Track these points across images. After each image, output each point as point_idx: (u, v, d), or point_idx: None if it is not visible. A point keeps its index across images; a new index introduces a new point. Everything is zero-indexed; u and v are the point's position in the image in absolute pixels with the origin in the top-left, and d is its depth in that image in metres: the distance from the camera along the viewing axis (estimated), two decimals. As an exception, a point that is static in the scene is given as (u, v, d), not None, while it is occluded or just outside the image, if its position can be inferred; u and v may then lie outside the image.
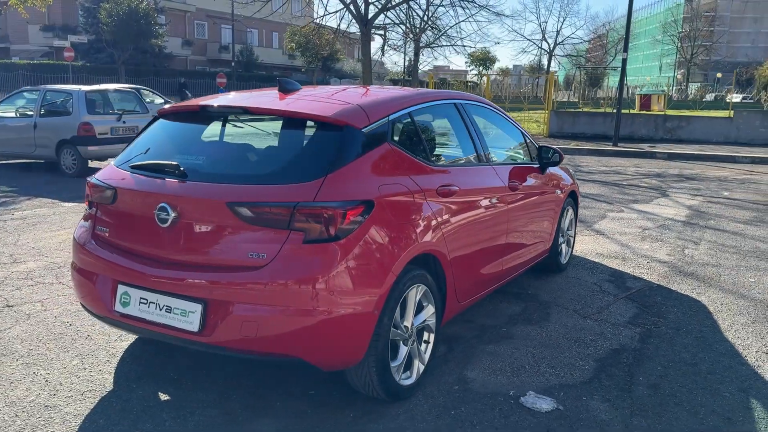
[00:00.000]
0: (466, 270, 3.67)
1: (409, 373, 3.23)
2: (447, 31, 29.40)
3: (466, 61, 59.52)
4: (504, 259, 4.22)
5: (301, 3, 35.86)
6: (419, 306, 3.25)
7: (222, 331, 2.75)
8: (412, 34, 29.85)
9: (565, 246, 5.58)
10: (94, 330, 4.02)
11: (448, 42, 30.50)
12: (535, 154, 4.91)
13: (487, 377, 3.49)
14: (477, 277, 3.87)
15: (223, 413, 3.06)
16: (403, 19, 27.01)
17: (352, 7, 21.34)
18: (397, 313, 3.02)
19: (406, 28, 29.22)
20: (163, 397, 3.20)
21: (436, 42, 30.79)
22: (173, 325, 2.85)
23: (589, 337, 4.09)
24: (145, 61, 40.16)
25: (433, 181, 3.40)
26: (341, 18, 23.06)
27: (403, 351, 3.15)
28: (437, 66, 56.60)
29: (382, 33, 28.53)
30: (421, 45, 31.27)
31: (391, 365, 3.04)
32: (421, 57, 33.97)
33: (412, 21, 28.15)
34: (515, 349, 3.88)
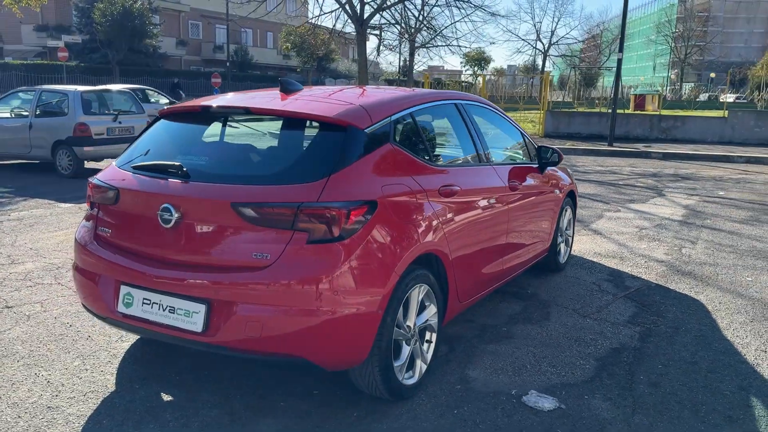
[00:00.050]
0: (468, 270, 3.69)
1: (412, 373, 3.23)
2: (442, 31, 29.44)
3: (462, 62, 59.64)
4: (504, 259, 4.23)
5: (296, 3, 35.84)
6: (421, 306, 3.26)
7: (226, 331, 2.75)
8: (408, 34, 29.86)
9: (563, 245, 5.60)
10: (95, 331, 4.01)
11: (443, 42, 30.54)
12: (534, 154, 4.93)
13: (488, 376, 3.50)
14: (478, 277, 3.88)
15: (226, 413, 3.06)
16: (398, 19, 27.02)
17: (347, 7, 21.32)
18: (400, 312, 3.03)
19: (401, 28, 29.23)
20: (165, 397, 3.20)
21: (432, 42, 30.82)
22: (177, 326, 2.84)
23: (589, 336, 4.11)
24: (139, 61, 40.02)
25: (435, 181, 3.40)
26: (337, 18, 23.04)
27: (405, 351, 3.16)
28: (431, 66, 56.54)
29: (378, 33, 28.52)
30: (417, 45, 31.29)
31: (394, 365, 3.04)
32: (416, 57, 34.02)
33: (407, 21, 28.16)
34: (516, 348, 3.90)
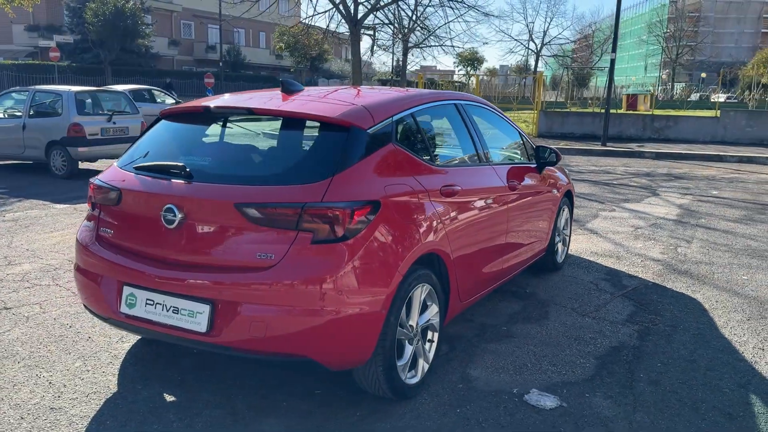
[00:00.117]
0: (468, 269, 3.70)
1: (414, 372, 3.25)
2: (436, 32, 29.45)
3: (455, 62, 59.67)
4: (503, 258, 4.25)
5: (289, 3, 35.78)
6: (423, 305, 3.27)
7: (230, 331, 2.75)
8: (401, 34, 29.87)
9: (561, 245, 5.62)
10: (95, 332, 4.00)
11: (437, 42, 30.56)
12: (532, 154, 4.95)
13: (490, 375, 3.52)
14: (478, 277, 3.90)
15: (228, 413, 3.06)
16: (391, 19, 27.02)
17: (341, 7, 21.31)
18: (402, 312, 3.04)
19: (395, 29, 29.24)
20: (168, 398, 3.20)
21: (425, 42, 30.83)
22: (180, 326, 2.84)
23: (589, 335, 4.14)
24: (131, 61, 39.88)
25: (437, 181, 3.42)
26: (330, 18, 23.01)
27: (408, 350, 3.17)
28: (424, 66, 56.66)
29: (372, 33, 28.51)
30: (410, 45, 31.29)
31: (398, 364, 3.05)
32: (409, 57, 34.00)
33: (400, 21, 28.18)
34: (516, 347, 3.92)
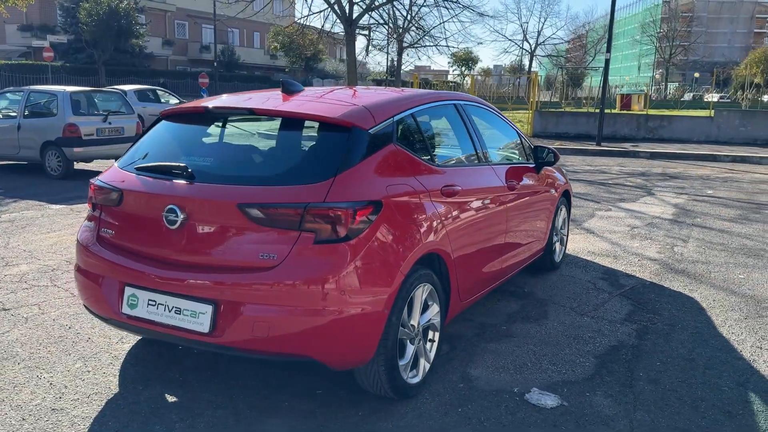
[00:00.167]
0: (469, 269, 3.71)
1: (416, 372, 3.26)
2: (431, 32, 29.51)
3: (449, 62, 59.75)
4: (503, 258, 4.26)
5: (283, 3, 35.73)
6: (425, 305, 3.28)
7: (233, 331, 2.75)
8: (396, 34, 29.89)
9: (558, 244, 5.64)
10: (94, 332, 4.00)
11: (431, 42, 30.61)
12: (531, 154, 4.97)
13: (490, 375, 3.53)
14: (478, 276, 3.91)
15: (230, 414, 3.06)
16: (386, 19, 27.04)
17: (336, 7, 21.29)
18: (404, 312, 3.05)
19: (389, 29, 29.26)
20: (170, 398, 3.20)
21: (420, 42, 30.87)
22: (183, 327, 2.84)
23: (588, 334, 4.15)
24: (125, 61, 39.73)
25: (437, 182, 3.43)
26: (325, 18, 23.03)
27: (410, 350, 3.18)
28: (418, 66, 56.66)
29: (367, 33, 28.51)
30: (405, 45, 31.31)
31: (399, 364, 3.06)
32: (404, 57, 34.06)
33: (395, 21, 28.20)
34: (516, 346, 3.93)
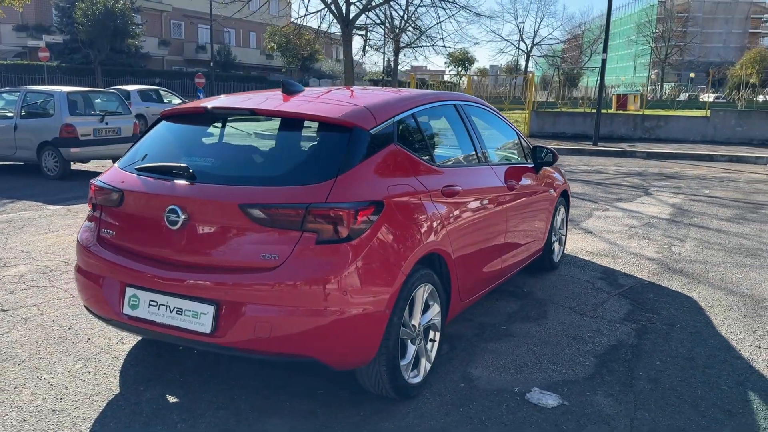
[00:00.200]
0: (469, 269, 3.72)
1: (417, 372, 3.26)
2: (427, 32, 29.52)
3: (446, 62, 59.76)
4: (503, 258, 4.27)
5: (280, 3, 35.71)
6: (426, 305, 3.28)
7: (235, 332, 2.75)
8: (393, 34, 29.89)
9: (557, 244, 5.65)
10: (94, 333, 3.99)
11: (428, 42, 30.62)
12: (530, 154, 4.98)
13: (491, 374, 3.54)
14: (479, 276, 3.92)
15: (232, 414, 3.06)
16: (383, 19, 27.05)
17: (333, 7, 21.30)
18: (405, 312, 3.05)
19: (386, 29, 29.25)
20: (171, 399, 3.19)
21: (417, 42, 30.87)
22: (184, 327, 2.84)
23: (587, 334, 4.16)
24: (121, 61, 39.66)
25: (438, 182, 3.43)
26: (322, 18, 23.04)
27: (411, 350, 3.18)
28: (414, 66, 56.75)
29: (364, 33, 28.52)
30: (402, 45, 31.31)
31: (401, 364, 3.07)
32: (401, 57, 34.03)
33: (391, 21, 28.20)
34: (516, 346, 3.94)
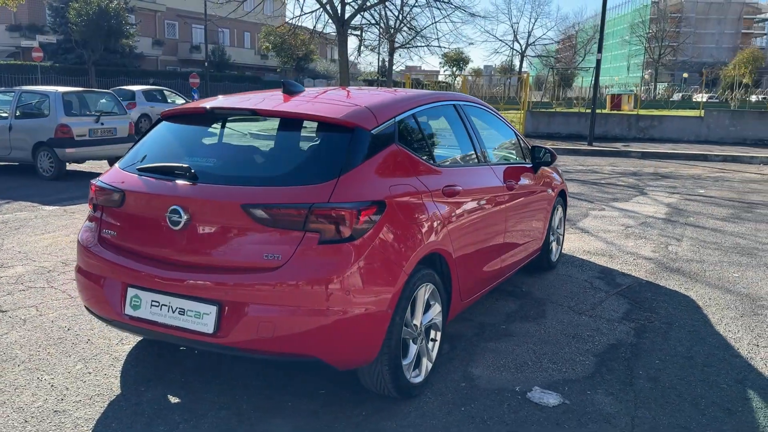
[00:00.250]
0: (469, 269, 3.73)
1: (418, 371, 3.27)
2: (422, 32, 29.53)
3: (441, 62, 59.87)
4: (502, 258, 4.28)
5: (275, 3, 35.66)
6: (427, 305, 3.29)
7: (238, 332, 2.75)
8: (388, 34, 29.90)
9: (555, 244, 5.67)
10: (94, 334, 3.98)
11: (423, 42, 30.64)
12: (528, 154, 4.99)
13: (492, 374, 3.55)
14: (479, 276, 3.93)
15: (234, 414, 3.06)
16: (378, 19, 27.05)
17: (328, 8, 21.28)
18: (407, 311, 3.06)
19: (381, 29, 29.26)
20: (172, 399, 3.19)
21: (412, 42, 30.89)
22: (187, 327, 2.84)
23: (586, 333, 4.18)
24: (115, 61, 39.47)
25: (439, 182, 3.44)
26: (317, 18, 23.00)
27: (413, 349, 3.19)
28: (409, 66, 56.78)
29: (359, 33, 28.51)
30: (397, 45, 31.33)
31: (403, 363, 3.07)
32: (395, 57, 34.06)
33: (386, 21, 28.21)
34: (516, 345, 3.95)
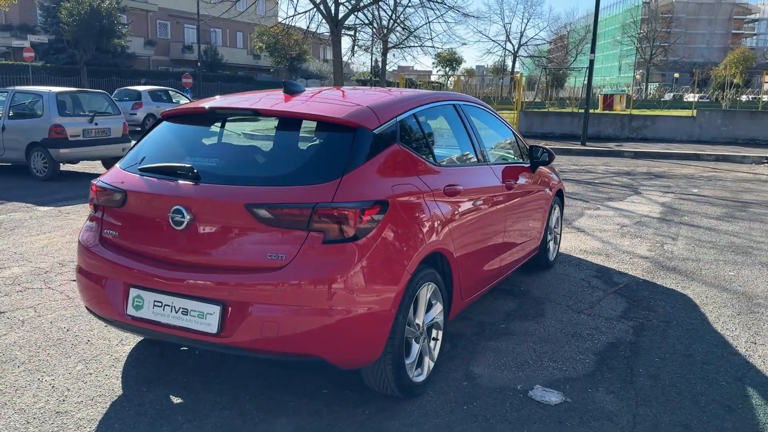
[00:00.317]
0: (470, 268, 3.74)
1: (421, 370, 3.27)
2: (415, 32, 29.50)
3: (433, 62, 59.95)
4: (501, 257, 4.30)
5: (267, 3, 35.60)
6: (429, 304, 3.30)
7: (242, 332, 2.75)
8: (381, 34, 29.87)
9: (552, 243, 5.70)
10: (93, 335, 3.97)
11: (416, 42, 30.63)
12: (526, 154, 5.01)
13: (493, 372, 3.56)
14: (479, 275, 3.94)
15: (237, 414, 3.06)
16: (371, 19, 27.02)
17: (322, 8, 21.26)
18: (410, 311, 3.07)
19: (374, 29, 29.24)
20: (175, 400, 3.18)
21: (405, 42, 30.86)
22: (190, 328, 2.84)
23: (586, 332, 4.20)
24: (107, 61, 39.29)
25: (440, 181, 3.45)
26: (311, 18, 22.96)
27: (415, 348, 3.19)
28: (401, 66, 56.85)
29: (352, 33, 28.48)
30: (390, 45, 31.30)
31: (405, 362, 3.08)
32: (388, 57, 33.99)
33: (380, 21, 28.18)
34: (516, 344, 3.96)
